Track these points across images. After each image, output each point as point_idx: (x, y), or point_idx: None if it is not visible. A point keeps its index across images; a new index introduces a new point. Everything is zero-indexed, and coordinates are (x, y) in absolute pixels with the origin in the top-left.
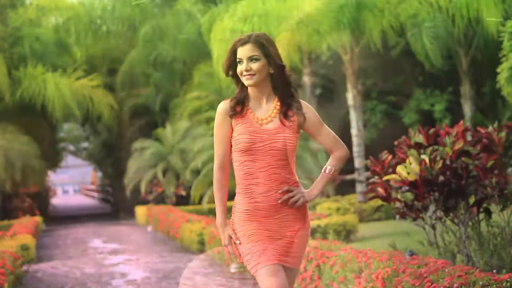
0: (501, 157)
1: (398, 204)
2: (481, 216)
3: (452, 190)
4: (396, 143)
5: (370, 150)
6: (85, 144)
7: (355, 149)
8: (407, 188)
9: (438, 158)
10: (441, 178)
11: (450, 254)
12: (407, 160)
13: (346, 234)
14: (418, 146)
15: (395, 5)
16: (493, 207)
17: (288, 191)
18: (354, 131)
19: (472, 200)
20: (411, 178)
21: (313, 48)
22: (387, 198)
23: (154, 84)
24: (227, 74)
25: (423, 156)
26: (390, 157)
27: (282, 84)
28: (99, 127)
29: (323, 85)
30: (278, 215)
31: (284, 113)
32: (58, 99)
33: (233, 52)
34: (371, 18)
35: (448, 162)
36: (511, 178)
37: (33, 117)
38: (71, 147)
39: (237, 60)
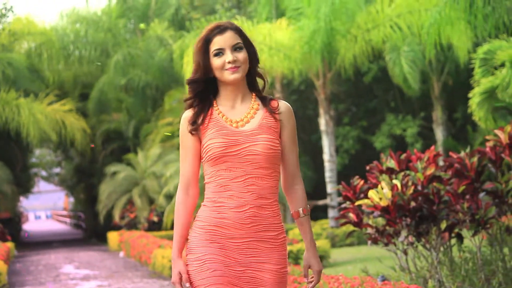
0: (472, 182)
1: (369, 230)
2: (453, 241)
3: (423, 216)
4: (368, 168)
5: (343, 175)
6: (57, 170)
7: (327, 174)
8: (379, 213)
9: (409, 183)
10: (412, 203)
11: (422, 280)
12: (379, 185)
13: None
14: (390, 171)
15: (367, 31)
16: (465, 232)
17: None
18: (326, 156)
19: (443, 225)
20: (383, 203)
21: (285, 73)
22: (359, 224)
23: (126, 109)
24: (203, 75)
25: (395, 181)
26: (361, 182)
27: (255, 80)
28: (71, 153)
29: (295, 110)
30: (248, 239)
31: (266, 112)
32: (33, 124)
33: (207, 43)
34: (343, 44)
35: (419, 187)
36: (482, 203)
37: (5, 142)
38: (43, 173)
39: (215, 52)
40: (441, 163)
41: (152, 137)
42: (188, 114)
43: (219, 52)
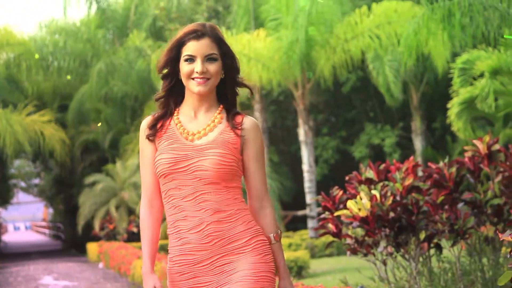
0: (451, 192)
1: (349, 240)
2: (432, 251)
3: (402, 226)
4: (347, 178)
5: (322, 186)
6: (36, 181)
7: (306, 184)
8: (358, 224)
9: (388, 194)
10: (391, 214)
11: None
12: (358, 196)
13: (297, 270)
14: (369, 182)
15: (346, 41)
16: (444, 243)
17: None
18: (305, 166)
19: (422, 235)
20: (362, 214)
21: (264, 84)
22: (338, 234)
23: (105, 120)
24: (160, 71)
25: (373, 192)
26: (341, 192)
27: (231, 91)
28: (50, 163)
29: (274, 121)
30: (215, 257)
31: (230, 124)
32: (10, 135)
33: (180, 45)
34: (322, 54)
35: (398, 198)
36: (461, 214)
37: None
38: (22, 184)
39: (185, 57)
40: (420, 173)
41: (131, 147)
42: (147, 119)
43: (190, 59)
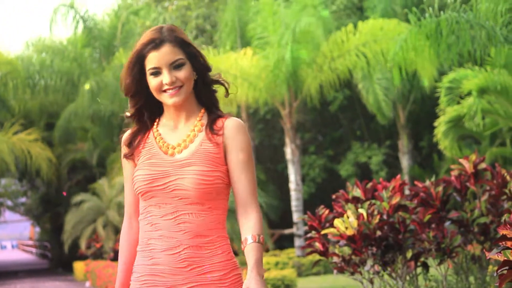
0: (438, 211)
1: (336, 259)
2: (419, 270)
3: (389, 245)
4: (334, 197)
5: (309, 204)
6: (23, 199)
7: (293, 203)
8: (345, 242)
9: (375, 212)
10: (378, 232)
11: None
12: (345, 215)
13: None
14: (356, 201)
15: (333, 59)
16: (431, 261)
17: None
18: (292, 185)
19: (409, 254)
20: (349, 232)
21: (251, 102)
22: (325, 253)
23: (91, 138)
24: (128, 93)
25: (360, 211)
26: (327, 211)
27: (206, 91)
28: (37, 182)
29: (261, 140)
30: (189, 285)
31: (209, 131)
32: None
33: (140, 59)
34: (309, 72)
35: (385, 216)
36: (448, 232)
37: None
38: (9, 202)
39: (150, 71)
40: (407, 192)
41: (118, 165)
42: (126, 135)
43: (156, 72)
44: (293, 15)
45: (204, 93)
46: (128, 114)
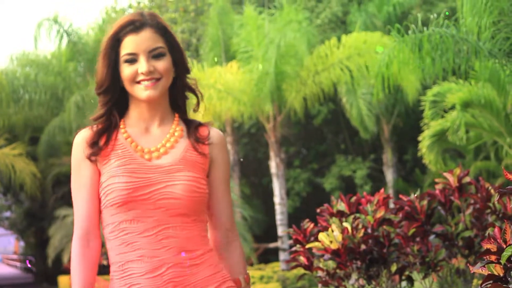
0: (422, 224)
1: (320, 273)
2: (403, 284)
3: (374, 258)
4: (318, 211)
5: (294, 218)
6: (7, 214)
7: (278, 217)
8: (329, 256)
9: (360, 226)
10: (363, 246)
11: None
12: (330, 228)
13: None
14: (340, 214)
15: (317, 73)
16: (415, 275)
17: None
18: (277, 199)
19: (394, 268)
20: (334, 246)
21: (235, 116)
22: (309, 267)
23: None
24: (101, 87)
25: (345, 224)
26: (312, 225)
27: (183, 96)
28: (21, 196)
29: (246, 154)
30: None
31: (194, 139)
32: None
33: (115, 43)
34: (293, 86)
35: (370, 230)
36: (432, 246)
37: None
38: None
39: (125, 57)
40: (391, 205)
41: None
42: (85, 133)
43: (131, 59)
44: (277, 29)
45: (180, 96)
46: (95, 116)
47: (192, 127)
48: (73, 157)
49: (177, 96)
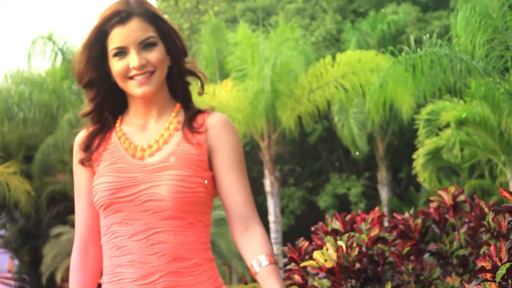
0: (417, 243)
1: None
2: None
3: (368, 277)
4: (313, 229)
5: (288, 236)
6: (1, 232)
7: (272, 235)
8: (324, 274)
9: (354, 244)
10: (357, 265)
11: None
12: (324, 247)
13: None
14: (335, 233)
15: (312, 91)
16: None
17: None
18: (271, 217)
19: (388, 286)
20: (328, 264)
21: None
22: (304, 285)
23: (71, 171)
24: (81, 82)
25: (339, 243)
26: (306, 243)
27: (182, 82)
28: (16, 215)
29: None
30: None
31: (188, 129)
32: None
33: (101, 36)
34: (287, 104)
35: (364, 248)
36: (427, 264)
37: None
38: None
39: (113, 51)
40: (386, 224)
41: None
42: (79, 136)
43: (120, 52)
44: (273, 47)
45: (179, 84)
46: (84, 112)
47: (187, 116)
48: (73, 163)
49: (174, 84)
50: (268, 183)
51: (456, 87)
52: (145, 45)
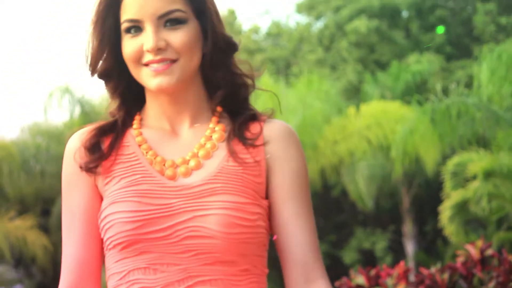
0: None
1: None
2: None
3: None
4: (337, 285)
5: None
6: (18, 287)
7: None
8: None
9: None
10: None
11: None
12: None
13: None
14: None
15: (335, 143)
16: None
17: None
18: None
19: None
20: None
21: None
22: None
23: None
24: (94, 68)
25: None
26: None
27: (228, 75)
28: (33, 270)
29: None
30: None
31: (239, 141)
32: None
33: (113, 8)
34: (311, 157)
35: None
36: None
37: None
38: None
39: (125, 24)
40: (411, 278)
41: None
42: (83, 134)
43: (134, 27)
44: (298, 98)
45: (222, 78)
46: (112, 111)
47: (238, 124)
48: (63, 173)
49: (216, 78)
50: None
51: (483, 137)
52: (168, 21)
